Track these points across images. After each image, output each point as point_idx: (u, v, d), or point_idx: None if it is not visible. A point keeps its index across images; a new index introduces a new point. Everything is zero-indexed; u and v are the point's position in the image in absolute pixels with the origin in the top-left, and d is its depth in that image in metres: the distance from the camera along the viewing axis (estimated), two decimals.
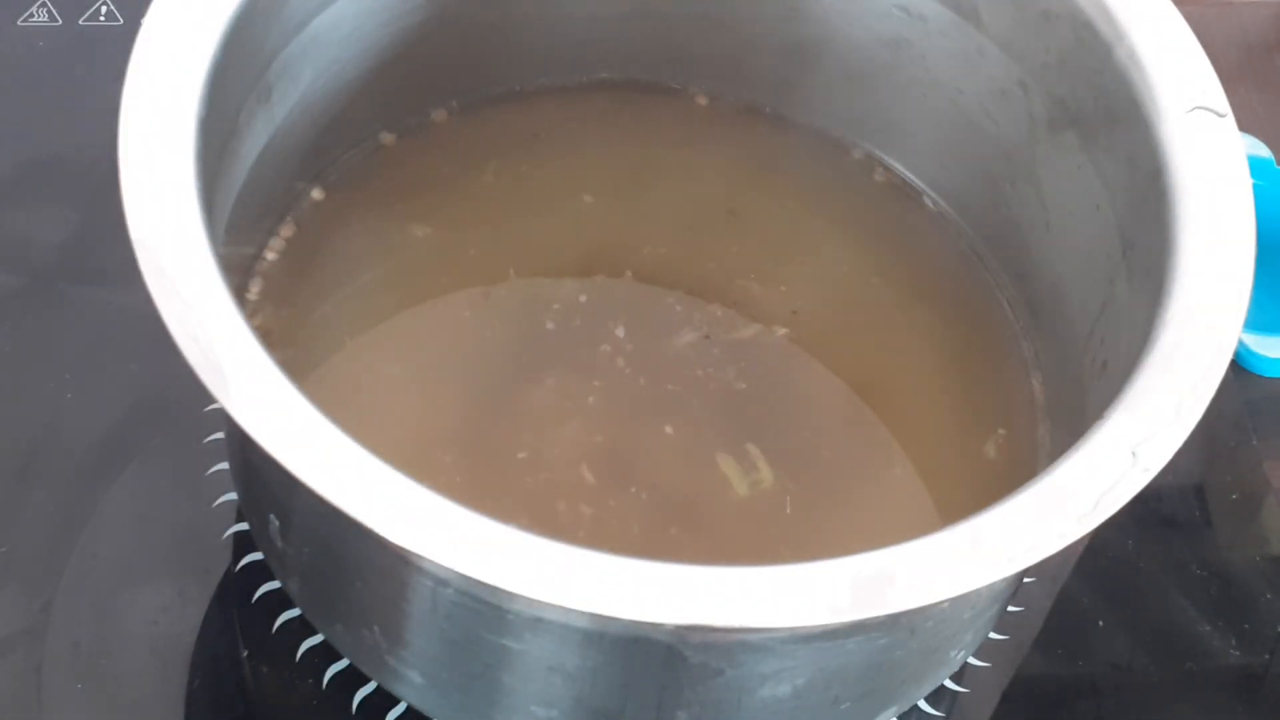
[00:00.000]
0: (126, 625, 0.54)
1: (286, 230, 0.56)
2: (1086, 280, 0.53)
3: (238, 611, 0.55)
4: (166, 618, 0.54)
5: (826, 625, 0.40)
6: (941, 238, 0.60)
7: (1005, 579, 0.42)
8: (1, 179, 0.64)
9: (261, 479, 0.48)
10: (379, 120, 0.59)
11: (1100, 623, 0.58)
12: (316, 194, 0.57)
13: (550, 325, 0.56)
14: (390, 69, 0.56)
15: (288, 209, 0.57)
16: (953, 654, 0.50)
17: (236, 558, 0.55)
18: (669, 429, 0.54)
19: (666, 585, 0.39)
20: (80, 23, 0.69)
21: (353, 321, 0.55)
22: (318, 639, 0.53)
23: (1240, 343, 0.65)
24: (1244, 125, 0.50)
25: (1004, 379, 0.57)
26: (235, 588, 0.55)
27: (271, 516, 0.48)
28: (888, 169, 0.61)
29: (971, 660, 0.56)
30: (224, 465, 0.57)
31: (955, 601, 0.41)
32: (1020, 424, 0.56)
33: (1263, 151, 0.71)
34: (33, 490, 0.56)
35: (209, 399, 0.44)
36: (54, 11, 0.69)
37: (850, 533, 0.52)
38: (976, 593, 0.43)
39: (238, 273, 0.54)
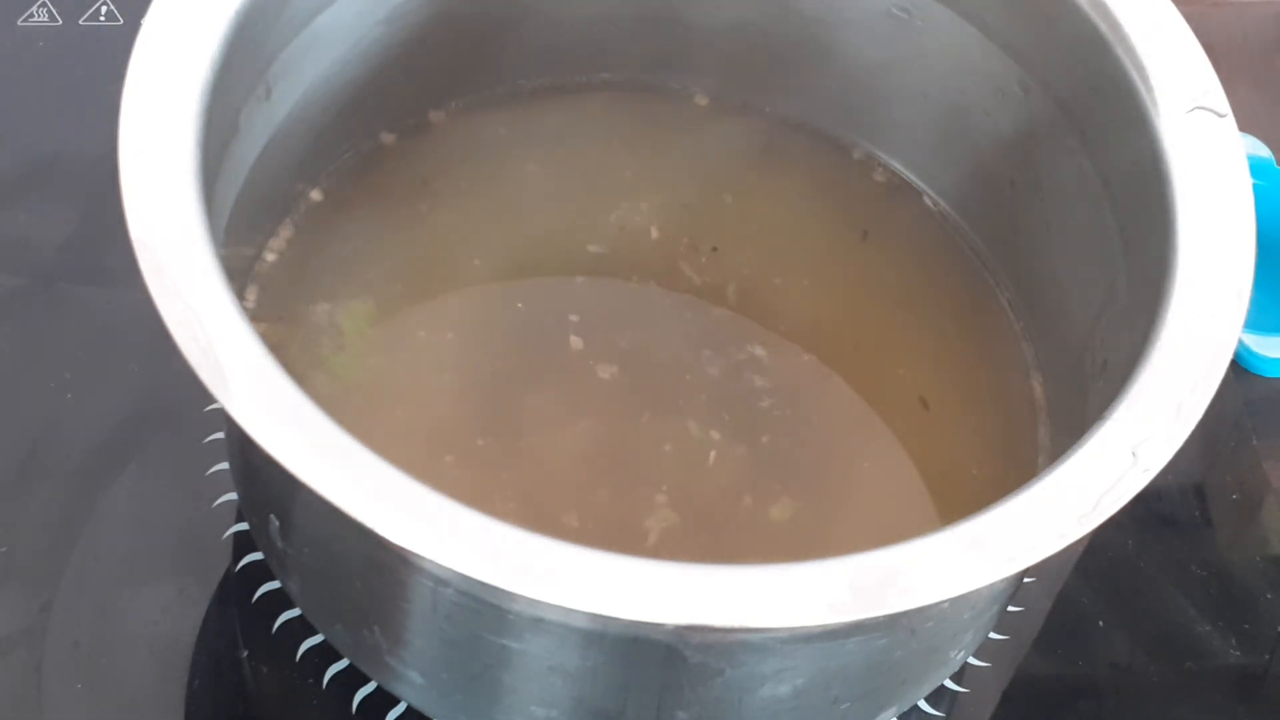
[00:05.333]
0: (126, 625, 0.54)
1: (285, 231, 0.56)
2: (1086, 280, 0.53)
3: (238, 611, 0.55)
4: (166, 618, 0.54)
5: (826, 625, 0.40)
6: (941, 238, 0.60)
7: (1005, 579, 0.42)
8: (1, 179, 0.64)
9: (261, 479, 0.48)
10: (379, 120, 0.59)
11: (1100, 623, 0.58)
12: (316, 195, 0.57)
13: (551, 325, 0.56)
14: (390, 69, 0.56)
15: (287, 210, 0.57)
16: (953, 654, 0.50)
17: (236, 558, 0.55)
18: (669, 428, 0.54)
19: (666, 585, 0.39)
20: (80, 23, 0.69)
21: (352, 322, 0.55)
22: (318, 639, 0.53)
23: (1240, 343, 0.65)
24: (1244, 125, 0.50)
25: (1004, 379, 0.57)
26: (235, 588, 0.55)
27: (271, 516, 0.48)
28: (888, 169, 0.61)
29: (971, 660, 0.56)
30: (224, 465, 0.57)
31: (955, 602, 0.41)
32: (1020, 424, 0.56)
33: (1263, 151, 0.71)
34: (33, 490, 0.56)
35: (209, 399, 0.44)
36: (54, 11, 0.69)
37: (850, 532, 0.52)
38: (976, 593, 0.43)
39: (237, 274, 0.54)
